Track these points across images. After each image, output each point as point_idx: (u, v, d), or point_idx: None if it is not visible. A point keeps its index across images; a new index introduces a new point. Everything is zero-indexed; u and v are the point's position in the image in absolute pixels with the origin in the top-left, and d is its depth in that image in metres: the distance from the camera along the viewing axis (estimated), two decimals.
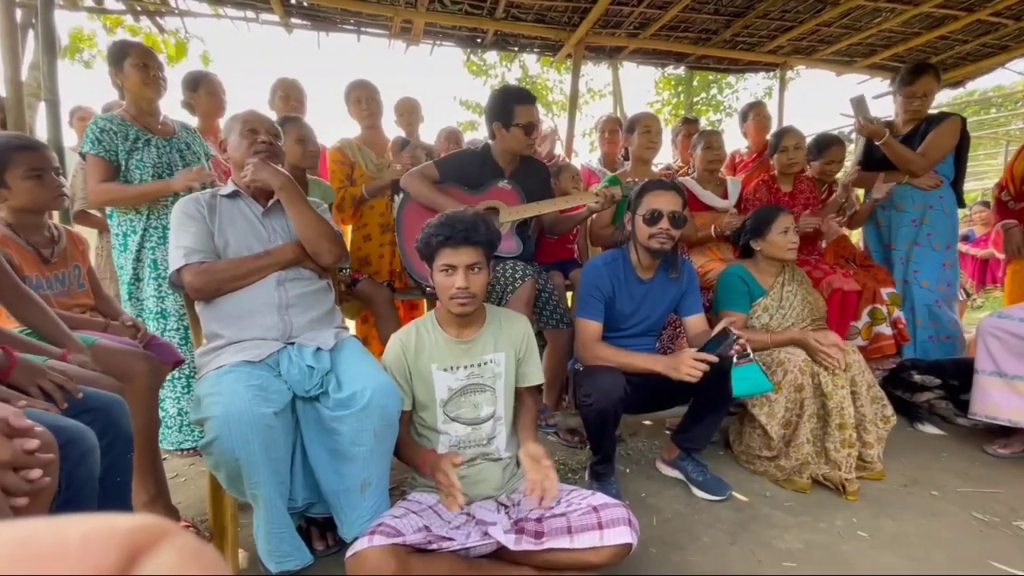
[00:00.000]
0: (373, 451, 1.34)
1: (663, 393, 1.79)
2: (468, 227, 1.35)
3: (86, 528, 0.09)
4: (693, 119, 3.64)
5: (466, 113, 10.97)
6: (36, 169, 1.44)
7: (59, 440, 0.83)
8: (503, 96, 2.16)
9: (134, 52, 2.02)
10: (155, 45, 4.65)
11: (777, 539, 1.57)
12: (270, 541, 1.30)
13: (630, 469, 2.05)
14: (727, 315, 2.07)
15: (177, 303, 2.05)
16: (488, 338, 1.48)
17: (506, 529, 1.24)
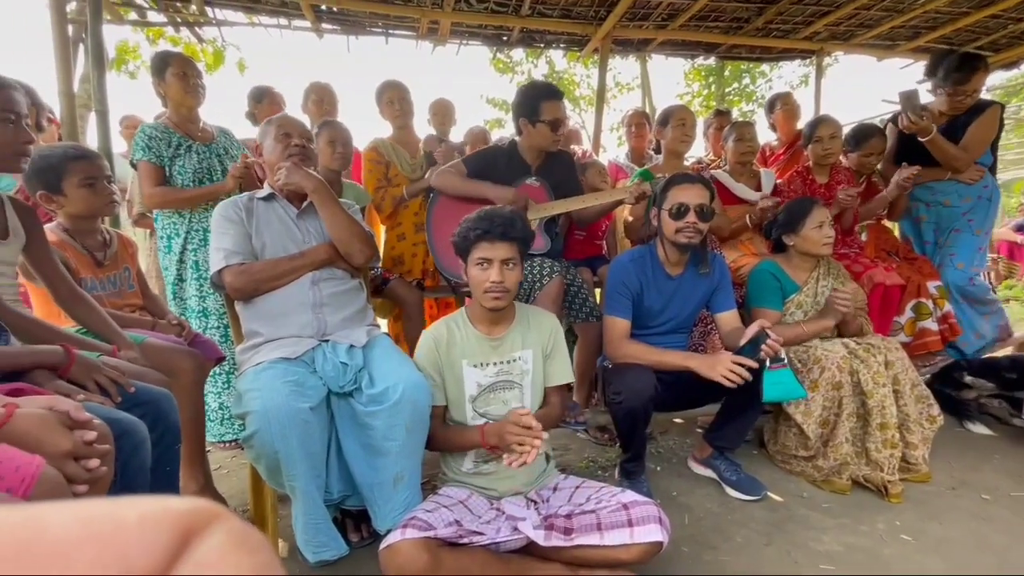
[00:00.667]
0: (405, 445, 1.37)
1: (694, 391, 1.76)
2: (506, 222, 1.37)
3: (142, 509, 0.10)
4: (725, 111, 3.55)
5: (493, 111, 11.01)
6: (90, 178, 1.53)
7: (114, 432, 0.89)
8: (529, 92, 2.16)
9: (174, 62, 2.11)
10: (194, 54, 4.83)
11: (814, 541, 1.53)
12: (307, 531, 1.35)
13: (661, 467, 2.03)
14: (759, 313, 2.02)
15: (218, 302, 2.14)
16: (517, 335, 1.49)
17: (535, 525, 1.25)
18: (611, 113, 11.00)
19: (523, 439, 1.25)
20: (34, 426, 0.74)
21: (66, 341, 1.11)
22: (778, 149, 3.22)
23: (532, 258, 2.03)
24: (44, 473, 0.68)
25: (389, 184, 2.63)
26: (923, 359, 2.47)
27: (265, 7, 3.38)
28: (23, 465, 0.67)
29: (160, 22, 3.84)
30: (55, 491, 0.69)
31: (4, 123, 1.13)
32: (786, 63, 5.02)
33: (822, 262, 2.10)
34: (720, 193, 2.48)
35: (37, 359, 1.02)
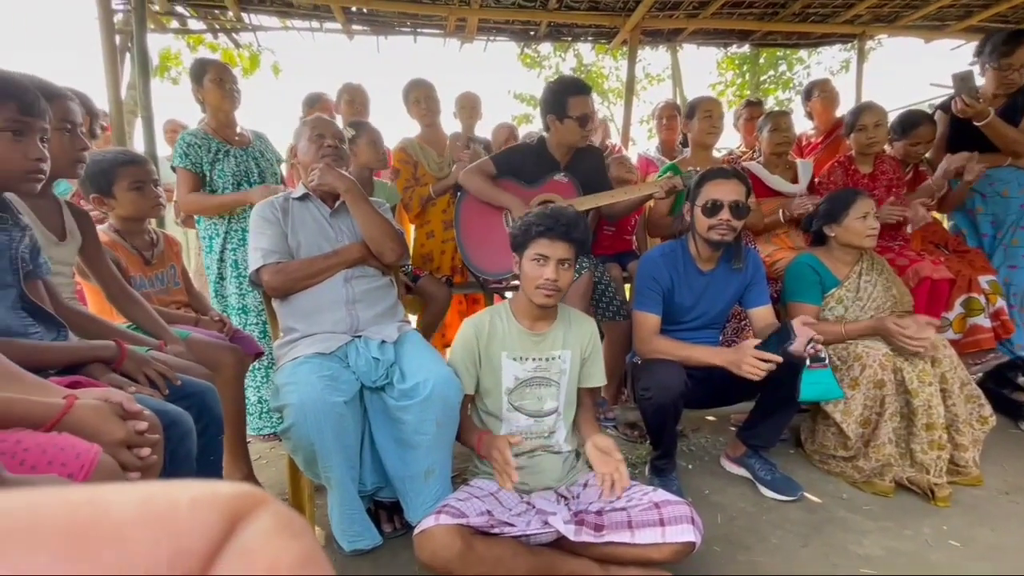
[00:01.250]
0: (436, 440, 1.40)
1: (727, 388, 1.72)
2: (569, 222, 1.39)
3: (194, 493, 0.10)
4: (756, 101, 3.44)
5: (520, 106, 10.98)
6: (138, 182, 1.61)
7: (162, 423, 0.94)
8: (557, 88, 2.14)
9: (211, 69, 2.19)
10: (231, 59, 5.00)
11: (854, 544, 1.48)
12: (343, 521, 1.39)
13: (692, 465, 2.00)
14: (796, 308, 1.96)
15: (256, 300, 2.21)
16: (558, 334, 1.50)
17: (566, 520, 1.25)
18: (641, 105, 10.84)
19: (499, 467, 1.34)
20: (92, 416, 0.79)
21: (118, 336, 1.18)
22: (815, 139, 3.10)
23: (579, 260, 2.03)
24: (101, 460, 0.73)
25: (417, 183, 2.66)
26: (974, 357, 2.34)
27: (298, 11, 3.47)
28: (82, 452, 0.72)
29: (200, 29, 3.99)
30: (111, 477, 0.73)
31: (61, 132, 1.19)
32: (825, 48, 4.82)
33: (865, 256, 2.02)
34: (754, 185, 2.41)
35: (93, 354, 1.08)
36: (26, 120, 0.97)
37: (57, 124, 1.18)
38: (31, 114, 0.98)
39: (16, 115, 0.95)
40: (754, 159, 2.64)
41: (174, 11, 3.56)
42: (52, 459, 0.69)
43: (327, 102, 2.84)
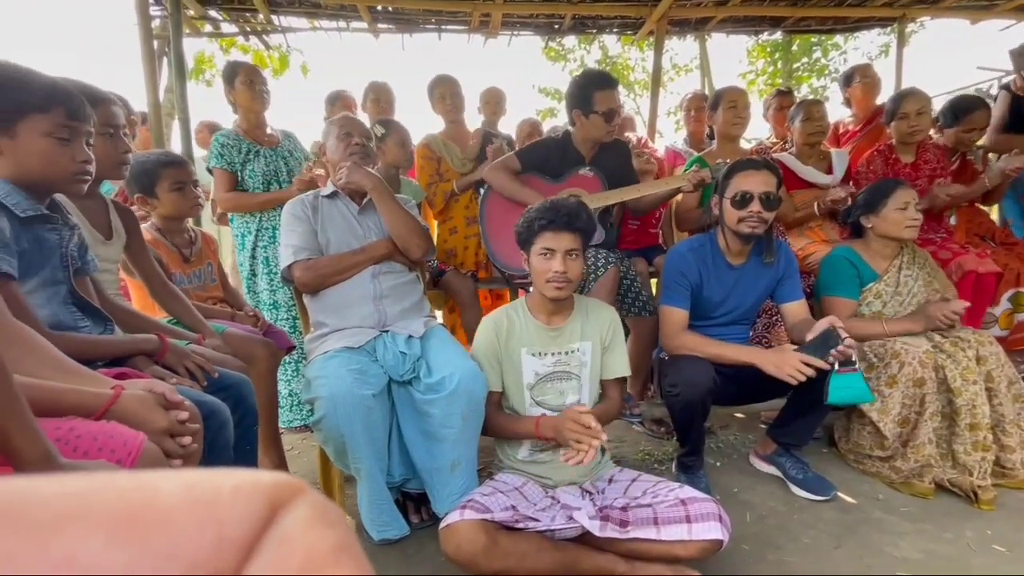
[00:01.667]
0: (461, 433, 1.42)
1: (757, 385, 1.69)
2: (571, 213, 1.39)
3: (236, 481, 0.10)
4: (787, 91, 3.33)
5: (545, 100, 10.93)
6: (179, 182, 1.67)
7: (201, 413, 0.98)
8: (582, 82, 2.13)
9: (242, 71, 2.25)
10: (262, 61, 5.11)
11: (891, 546, 1.43)
12: (372, 511, 1.43)
13: (720, 463, 1.97)
14: (832, 303, 1.90)
15: (287, 295, 2.28)
16: (576, 326, 1.49)
17: (590, 515, 1.26)
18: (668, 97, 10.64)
19: (581, 438, 1.25)
20: (137, 406, 0.83)
21: (160, 331, 1.23)
22: (853, 127, 2.99)
23: (586, 249, 2.02)
24: (146, 448, 0.77)
25: (440, 180, 2.68)
26: (1022, 355, 2.24)
27: (325, 11, 3.52)
28: (129, 440, 0.76)
29: (232, 32, 4.10)
30: (155, 464, 0.77)
31: (105, 136, 1.25)
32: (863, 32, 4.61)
33: (906, 249, 1.94)
34: (785, 177, 2.34)
35: (137, 347, 1.13)
36: (73, 125, 1.02)
37: (101, 128, 1.24)
38: (77, 119, 1.03)
39: (64, 120, 1.00)
40: (785, 150, 2.57)
41: (208, 15, 3.67)
42: (102, 446, 0.73)
43: (349, 99, 2.88)
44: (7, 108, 0.96)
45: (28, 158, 0.99)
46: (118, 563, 0.08)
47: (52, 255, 1.07)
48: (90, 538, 0.08)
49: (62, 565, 0.08)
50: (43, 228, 1.05)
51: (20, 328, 0.83)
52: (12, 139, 0.98)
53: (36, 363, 0.81)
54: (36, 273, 1.04)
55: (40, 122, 0.98)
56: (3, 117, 0.96)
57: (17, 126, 0.97)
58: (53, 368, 0.83)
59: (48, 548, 0.08)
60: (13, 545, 0.08)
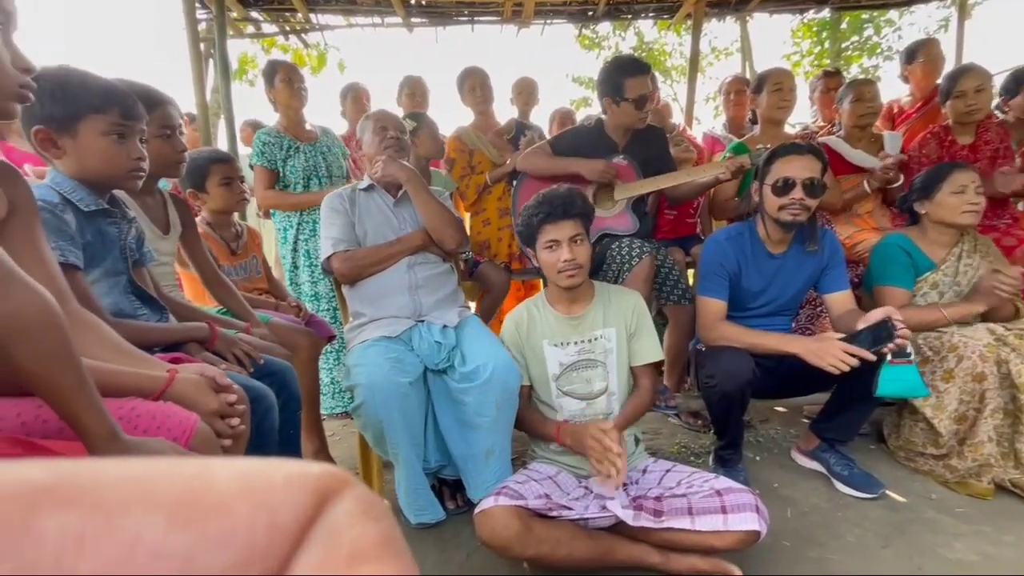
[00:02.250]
0: (495, 421, 1.43)
1: (799, 378, 1.63)
2: (565, 200, 1.40)
3: (287, 471, 0.11)
4: (834, 71, 3.16)
5: (579, 90, 10.79)
6: (227, 178, 1.75)
7: (248, 397, 1.03)
8: (612, 69, 2.09)
9: (282, 69, 2.32)
10: (301, 59, 5.26)
11: (944, 547, 1.37)
12: (409, 495, 1.47)
13: (760, 457, 1.92)
14: (885, 293, 1.81)
15: (328, 286, 2.35)
16: (597, 313, 1.48)
17: (624, 505, 1.25)
18: (707, 82, 10.31)
19: (603, 459, 1.24)
20: (190, 388, 0.88)
21: (211, 320, 1.30)
22: (910, 107, 2.82)
23: (620, 239, 1.99)
24: (199, 427, 0.81)
25: (472, 172, 2.70)
26: None
27: (360, 7, 3.58)
28: (184, 420, 0.81)
29: (272, 32, 4.23)
30: (207, 443, 0.82)
31: (163, 137, 1.32)
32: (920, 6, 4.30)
33: (966, 236, 1.83)
34: (833, 162, 2.23)
35: (190, 334, 1.20)
36: (128, 124, 1.08)
37: (159, 130, 1.31)
38: (131, 118, 1.09)
39: (119, 119, 1.06)
40: (833, 133, 2.45)
41: (249, 16, 3.79)
42: (160, 424, 0.78)
43: (361, 91, 2.92)
44: (70, 110, 1.03)
45: (89, 156, 1.05)
46: (178, 545, 0.09)
47: (113, 247, 1.14)
48: (153, 520, 0.09)
49: (127, 545, 0.09)
50: (104, 222, 1.13)
51: (86, 315, 0.89)
52: (74, 139, 1.04)
53: (100, 347, 0.87)
54: (99, 264, 1.11)
55: (98, 122, 1.05)
56: (66, 119, 1.03)
57: (78, 126, 1.04)
58: (115, 352, 0.88)
59: (115, 528, 0.09)
60: (84, 523, 0.08)
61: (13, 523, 0.08)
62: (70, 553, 0.08)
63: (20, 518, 0.08)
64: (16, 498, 0.08)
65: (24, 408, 0.75)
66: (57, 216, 1.01)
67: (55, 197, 1.04)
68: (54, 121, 1.03)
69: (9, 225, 0.83)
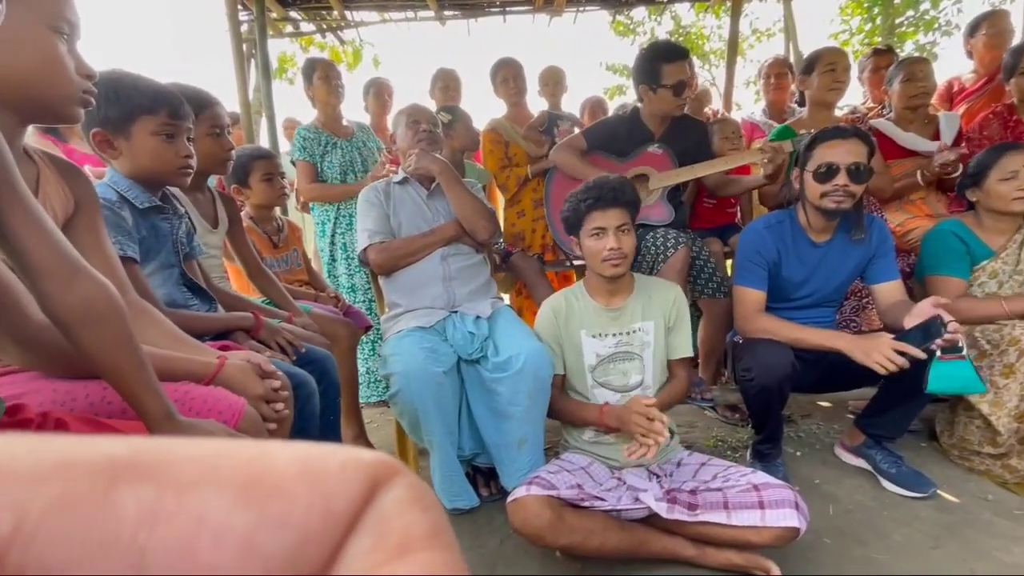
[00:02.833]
0: (528, 411, 1.45)
1: (843, 373, 1.57)
2: (615, 188, 1.38)
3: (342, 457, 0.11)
4: (885, 49, 2.98)
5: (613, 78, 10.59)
6: (268, 173, 1.82)
7: (292, 383, 1.07)
8: (649, 55, 2.04)
9: (320, 67, 2.38)
10: (337, 56, 5.37)
11: (1001, 550, 1.30)
12: (443, 481, 1.51)
13: (801, 452, 1.86)
14: (938, 283, 1.72)
15: (364, 278, 2.41)
16: (637, 306, 1.47)
17: (657, 497, 1.24)
18: (747, 66, 9.92)
19: (646, 431, 1.24)
20: (238, 374, 0.93)
21: (256, 310, 1.36)
22: (971, 84, 2.63)
23: (655, 229, 1.96)
24: (247, 411, 0.86)
25: (510, 164, 2.70)
26: None
27: (394, 3, 3.63)
28: (233, 404, 0.85)
29: (310, 31, 4.34)
30: (254, 426, 0.87)
31: (212, 136, 1.39)
32: None
33: None
34: (882, 146, 2.12)
35: (236, 323, 1.26)
36: (176, 123, 1.14)
37: (208, 129, 1.38)
38: (179, 117, 1.14)
39: (168, 119, 1.12)
40: (883, 115, 2.33)
41: (288, 16, 3.90)
42: (211, 407, 0.83)
43: (382, 86, 2.95)
44: (123, 112, 1.09)
45: (141, 155, 1.12)
46: (240, 524, 0.09)
47: (165, 241, 1.21)
48: (218, 499, 0.09)
49: (194, 521, 0.09)
50: (157, 218, 1.19)
51: (144, 304, 0.95)
52: (128, 139, 1.11)
53: (157, 335, 0.92)
54: (153, 258, 1.18)
55: (149, 122, 1.11)
56: (120, 120, 1.09)
57: (132, 128, 1.10)
58: (171, 340, 0.94)
59: (184, 504, 0.09)
60: (157, 499, 0.09)
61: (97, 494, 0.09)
62: (145, 526, 0.09)
63: (103, 490, 0.09)
64: (100, 471, 0.09)
65: (92, 390, 0.81)
66: (115, 213, 1.08)
67: (113, 195, 1.10)
68: (110, 123, 1.09)
69: (75, 221, 0.89)
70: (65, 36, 0.78)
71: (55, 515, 0.08)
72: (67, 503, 0.08)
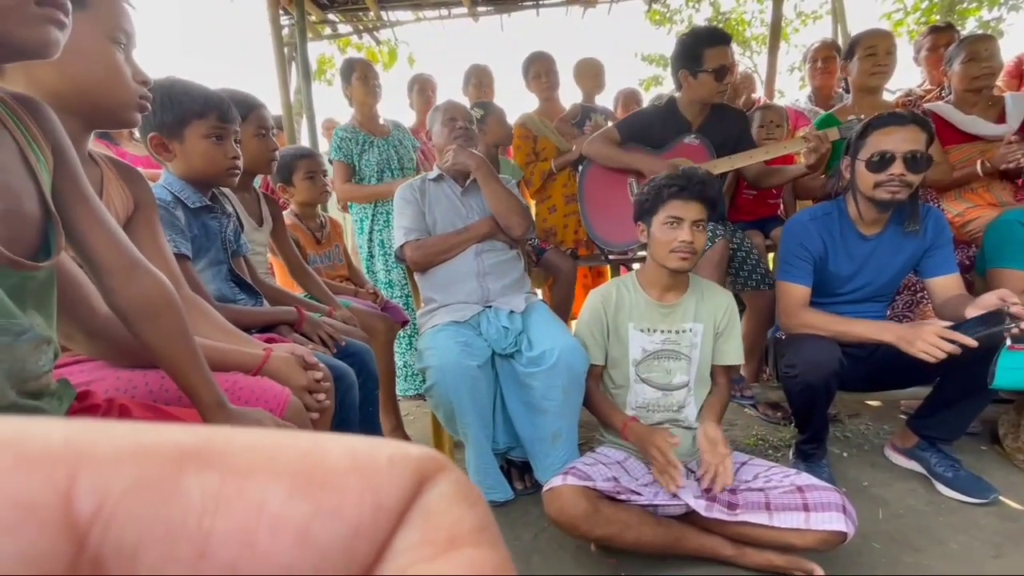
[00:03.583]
0: (562, 406, 1.45)
1: (895, 369, 1.51)
2: (704, 181, 1.35)
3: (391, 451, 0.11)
4: (945, 26, 2.79)
5: (649, 69, 10.37)
6: (311, 172, 1.88)
7: (333, 375, 1.11)
8: (691, 39, 1.99)
9: (358, 67, 2.43)
10: (373, 56, 5.47)
11: None
12: (479, 474, 1.53)
13: (848, 453, 1.79)
14: (1002, 276, 1.61)
15: (401, 274, 2.46)
16: (690, 305, 1.44)
17: (696, 495, 1.22)
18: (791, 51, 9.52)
19: (664, 472, 1.24)
20: (283, 365, 0.97)
21: (298, 304, 1.41)
22: None
23: None
24: (292, 401, 0.90)
25: (537, 159, 2.69)
26: None
27: (428, 1, 3.66)
28: (278, 394, 0.89)
29: (347, 32, 4.44)
30: (298, 415, 0.90)
31: (259, 137, 1.45)
32: None
33: None
34: (940, 131, 1.99)
35: (281, 317, 1.31)
36: (224, 127, 1.19)
37: (255, 131, 1.44)
38: (227, 121, 1.20)
39: (217, 123, 1.18)
40: (942, 98, 2.19)
41: (327, 19, 4.00)
42: (258, 397, 0.87)
43: (425, 81, 2.95)
44: (177, 117, 1.15)
45: (193, 158, 1.18)
46: (297, 515, 0.09)
47: (215, 239, 1.27)
48: (275, 488, 0.09)
49: (254, 509, 0.09)
50: (207, 217, 1.25)
51: (196, 299, 1.01)
52: (181, 143, 1.17)
53: (209, 328, 0.97)
54: (204, 255, 1.24)
55: (200, 126, 1.16)
56: (174, 125, 1.15)
57: (184, 131, 1.16)
58: (221, 332, 0.99)
59: (244, 492, 0.09)
60: (221, 486, 0.09)
61: (166, 480, 0.09)
62: (208, 512, 0.09)
63: (172, 476, 0.09)
64: (169, 458, 0.09)
65: (151, 379, 0.86)
66: (170, 212, 1.14)
67: (168, 196, 1.17)
68: (164, 127, 1.15)
69: (134, 220, 0.95)
70: (122, 46, 0.82)
71: (131, 498, 0.09)
72: (141, 487, 0.09)
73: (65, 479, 0.08)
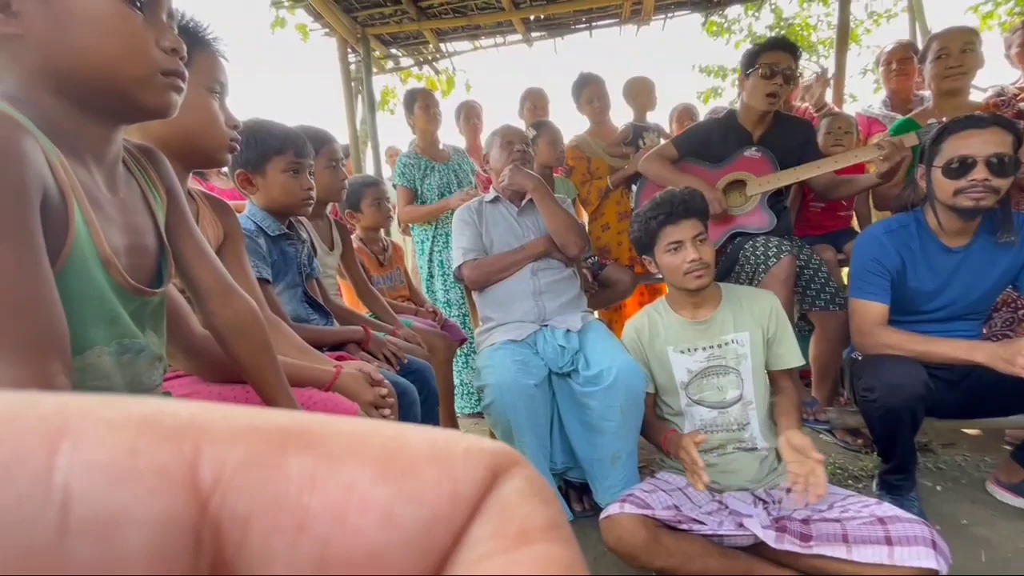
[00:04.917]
0: (621, 426, 1.43)
1: (993, 394, 1.37)
2: (684, 199, 1.36)
3: (467, 444, 0.11)
4: None
5: (707, 80, 10.12)
6: (376, 199, 2.01)
7: (396, 391, 1.16)
8: (754, 48, 1.96)
9: (420, 96, 2.57)
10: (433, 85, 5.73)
11: None
12: None
13: (942, 487, 1.63)
14: None
15: (459, 294, 2.53)
16: (727, 317, 1.40)
17: (764, 524, 1.16)
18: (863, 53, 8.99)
19: (688, 467, 1.24)
20: (352, 382, 1.03)
21: (365, 323, 1.50)
22: None
23: (754, 238, 1.85)
24: (359, 415, 0.95)
25: (592, 177, 2.70)
26: None
27: (484, 31, 3.81)
28: (348, 408, 0.95)
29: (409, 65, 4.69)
30: None
31: (330, 168, 1.57)
32: None
33: None
34: None
35: (349, 336, 1.40)
36: (300, 161, 1.30)
37: (327, 163, 1.56)
38: (303, 155, 1.31)
39: (294, 158, 1.29)
40: None
41: (390, 53, 4.25)
42: (330, 411, 0.93)
43: (470, 108, 3.04)
44: (260, 154, 1.27)
45: (273, 190, 1.29)
46: (381, 497, 0.10)
47: (292, 264, 1.38)
48: (363, 471, 0.10)
49: (344, 490, 0.09)
50: (285, 243, 1.37)
51: (276, 320, 1.10)
52: (263, 176, 1.29)
53: (287, 346, 1.06)
54: (282, 278, 1.35)
55: (279, 161, 1.28)
56: (258, 161, 1.28)
57: (266, 167, 1.28)
58: (297, 351, 1.07)
59: (336, 473, 0.10)
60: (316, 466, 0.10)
61: (272, 457, 0.09)
62: (305, 491, 0.09)
63: (275, 455, 0.09)
64: (274, 438, 0.10)
65: (238, 392, 0.95)
66: (253, 240, 1.26)
67: (251, 225, 1.29)
68: (249, 164, 1.28)
69: (224, 248, 1.05)
70: (218, 95, 0.93)
71: (243, 472, 0.09)
72: (251, 462, 0.09)
73: (191, 450, 0.09)
